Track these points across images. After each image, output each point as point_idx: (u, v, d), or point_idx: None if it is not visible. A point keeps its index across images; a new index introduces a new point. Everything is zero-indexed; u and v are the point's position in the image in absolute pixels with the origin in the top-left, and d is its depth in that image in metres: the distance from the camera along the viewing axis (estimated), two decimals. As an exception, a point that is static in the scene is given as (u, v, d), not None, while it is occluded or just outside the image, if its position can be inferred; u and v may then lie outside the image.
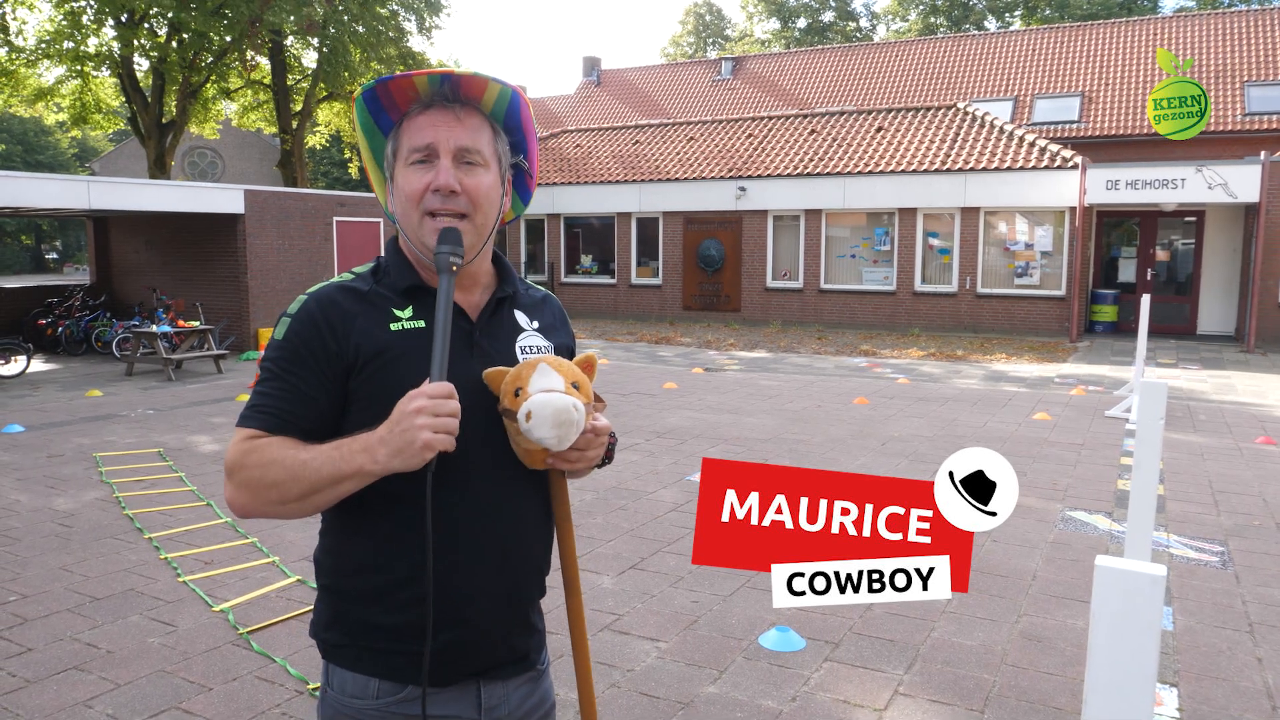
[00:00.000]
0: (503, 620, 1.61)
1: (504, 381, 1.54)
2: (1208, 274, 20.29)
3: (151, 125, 25.39)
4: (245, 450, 1.48)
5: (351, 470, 1.42)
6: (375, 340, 1.52)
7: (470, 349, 1.57)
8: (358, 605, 1.56)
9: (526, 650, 1.68)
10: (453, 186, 1.52)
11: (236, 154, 47.21)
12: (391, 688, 1.55)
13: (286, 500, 1.46)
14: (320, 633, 1.62)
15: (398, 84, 1.53)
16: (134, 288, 18.40)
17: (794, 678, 4.06)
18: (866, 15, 56.87)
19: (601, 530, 6.19)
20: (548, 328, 1.72)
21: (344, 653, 1.57)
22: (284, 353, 1.52)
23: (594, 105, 37.54)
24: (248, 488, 1.47)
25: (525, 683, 1.68)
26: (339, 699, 1.58)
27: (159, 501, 6.86)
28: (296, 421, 1.50)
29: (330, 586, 1.60)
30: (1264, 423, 10.26)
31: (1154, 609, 1.52)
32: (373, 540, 1.54)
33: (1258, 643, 4.47)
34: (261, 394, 1.52)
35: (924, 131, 22.24)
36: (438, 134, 1.53)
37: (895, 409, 11.03)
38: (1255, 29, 27.60)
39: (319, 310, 1.54)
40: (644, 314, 24.10)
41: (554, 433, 1.48)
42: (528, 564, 1.64)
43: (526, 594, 1.66)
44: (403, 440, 1.37)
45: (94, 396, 11.83)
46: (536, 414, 1.46)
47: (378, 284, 1.59)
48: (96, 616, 4.70)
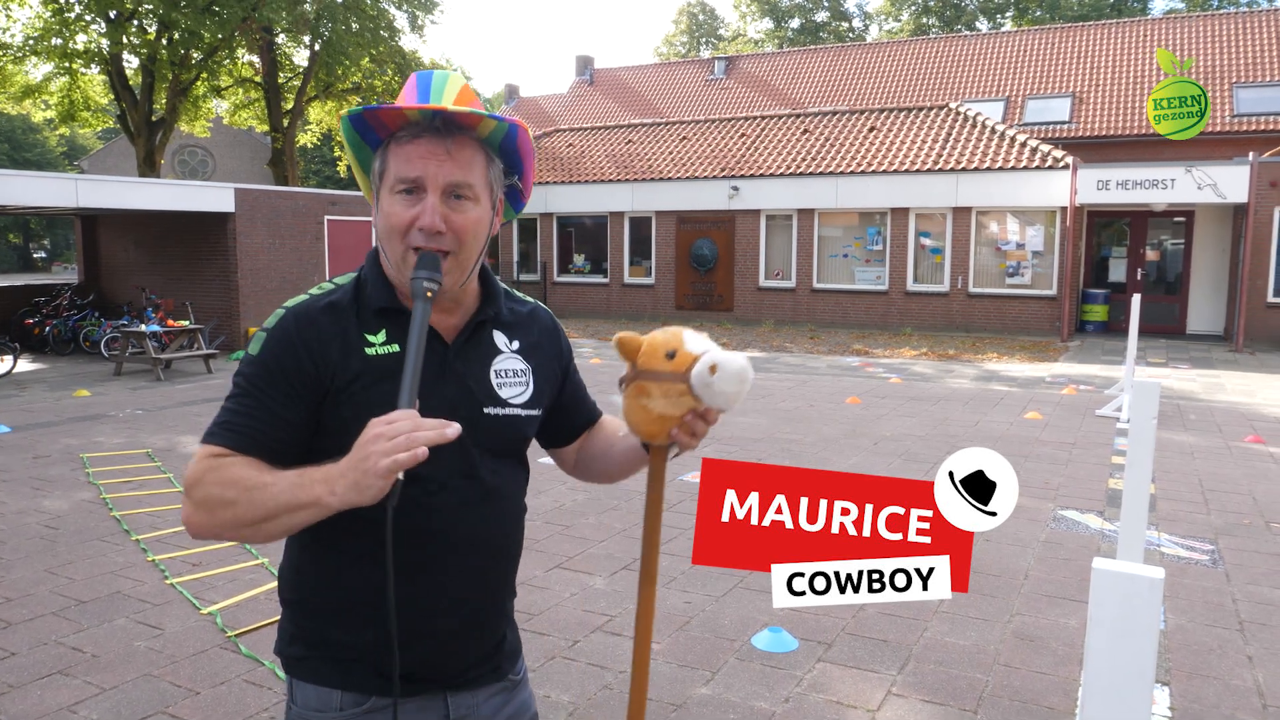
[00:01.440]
0: (471, 634, 1.59)
1: (643, 345, 1.51)
2: (1197, 274, 20.36)
3: (141, 123, 25.27)
4: (207, 468, 1.41)
5: (309, 500, 1.34)
6: (349, 366, 1.47)
7: (444, 373, 1.52)
8: (318, 621, 1.54)
9: (498, 661, 1.65)
10: (438, 227, 1.46)
11: (227, 152, 47.03)
12: (355, 699, 1.52)
13: (241, 524, 1.39)
14: (284, 648, 1.59)
15: (385, 111, 1.47)
16: (123, 287, 18.30)
17: (787, 678, 4.05)
18: (859, 15, 57.01)
19: (594, 530, 6.17)
20: (531, 346, 1.67)
21: (306, 665, 1.55)
22: (258, 369, 1.47)
23: (587, 104, 37.49)
24: (204, 507, 1.40)
25: (497, 693, 1.66)
26: (303, 713, 1.55)
27: (147, 503, 6.81)
28: (264, 442, 1.44)
29: (292, 601, 1.58)
30: (1253, 421, 10.29)
31: (1152, 612, 1.50)
32: (335, 557, 1.51)
33: (1248, 641, 4.47)
34: (231, 410, 1.46)
35: (916, 132, 22.27)
36: (427, 168, 1.46)
37: (888, 408, 11.03)
38: (1244, 31, 27.72)
39: (296, 329, 1.48)
40: (637, 313, 24.09)
41: (736, 389, 1.44)
42: (496, 578, 1.62)
43: (496, 605, 1.64)
44: (359, 472, 1.29)
45: (82, 396, 11.76)
46: (724, 367, 1.42)
47: (356, 300, 1.54)
48: (82, 620, 4.65)
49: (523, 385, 1.62)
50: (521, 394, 1.61)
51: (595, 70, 39.80)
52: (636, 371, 1.51)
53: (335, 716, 1.53)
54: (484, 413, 1.55)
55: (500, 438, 1.58)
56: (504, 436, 1.59)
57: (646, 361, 1.50)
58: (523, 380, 1.63)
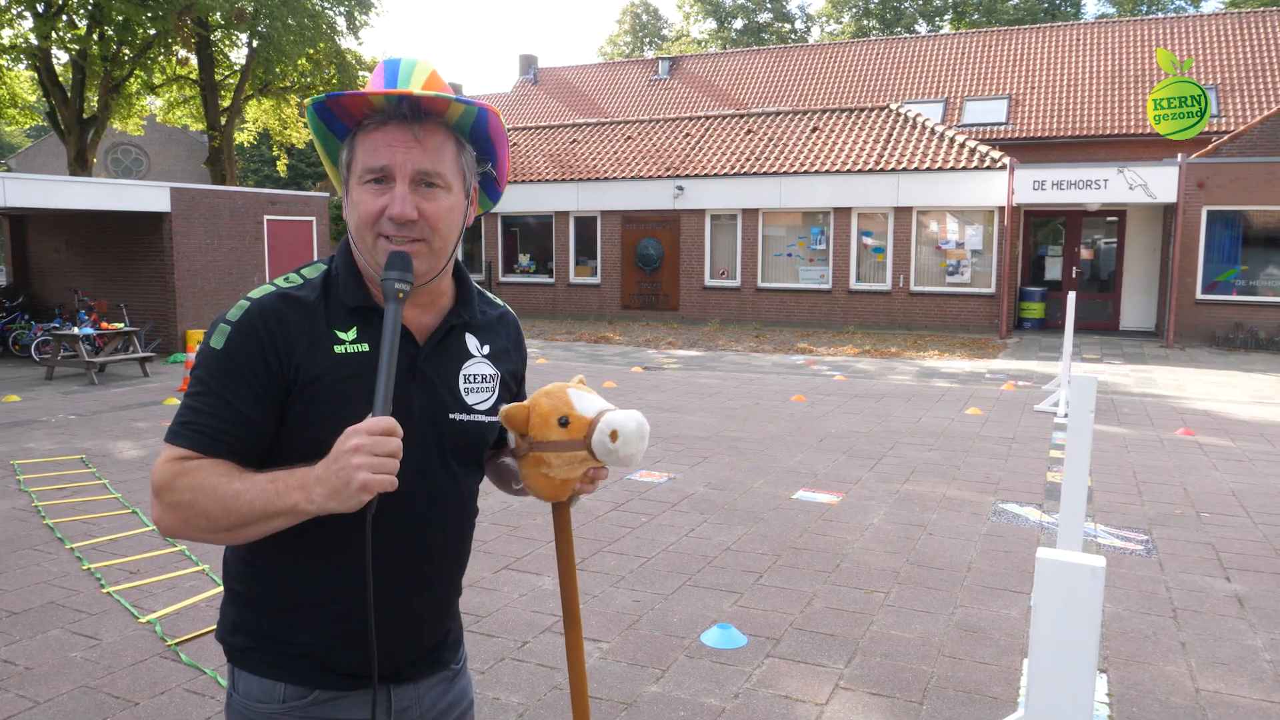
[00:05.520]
0: (420, 631, 1.59)
1: (532, 416, 1.49)
2: (1129, 272, 20.93)
3: (71, 121, 24.53)
4: (175, 472, 1.38)
5: (285, 507, 1.34)
6: (316, 363, 1.43)
7: (413, 375, 1.50)
8: (266, 616, 1.52)
9: (441, 652, 1.66)
10: (409, 216, 1.42)
11: (162, 151, 45.87)
12: (299, 691, 1.51)
13: (216, 530, 1.38)
14: (226, 636, 1.56)
15: (350, 99, 1.43)
16: (54, 288, 17.77)
17: (736, 675, 4.07)
18: (801, 17, 57.56)
19: (541, 531, 6.14)
20: (499, 352, 1.65)
21: (250, 657, 1.53)
22: (221, 364, 1.41)
23: (531, 104, 37.34)
24: (176, 511, 1.39)
25: (439, 683, 1.66)
26: (245, 703, 1.53)
27: (81, 510, 6.62)
28: (230, 441, 1.41)
29: (239, 592, 1.55)
30: (1183, 415, 10.60)
31: (1095, 599, 1.54)
32: (292, 557, 1.48)
33: (1181, 627, 4.61)
34: (193, 409, 1.41)
35: (858, 132, 22.56)
36: (394, 156, 1.42)
37: (832, 405, 11.15)
38: (1173, 34, 28.56)
39: (261, 322, 1.43)
40: (583, 313, 24.04)
41: (640, 446, 1.44)
42: (446, 579, 1.62)
43: (444, 604, 1.64)
44: (339, 480, 1.29)
45: (11, 402, 11.39)
46: (624, 430, 1.43)
47: (325, 296, 1.49)
48: (14, 632, 4.51)
49: (489, 391, 1.61)
50: (487, 399, 1.60)
51: (539, 70, 39.65)
52: (531, 443, 1.51)
53: (278, 708, 1.51)
54: (449, 419, 1.54)
55: (463, 444, 1.57)
56: (466, 443, 1.57)
57: (540, 433, 1.50)
58: (489, 386, 1.61)
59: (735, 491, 7.19)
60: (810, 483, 7.46)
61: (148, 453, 8.48)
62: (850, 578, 5.31)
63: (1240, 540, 6.02)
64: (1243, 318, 18.11)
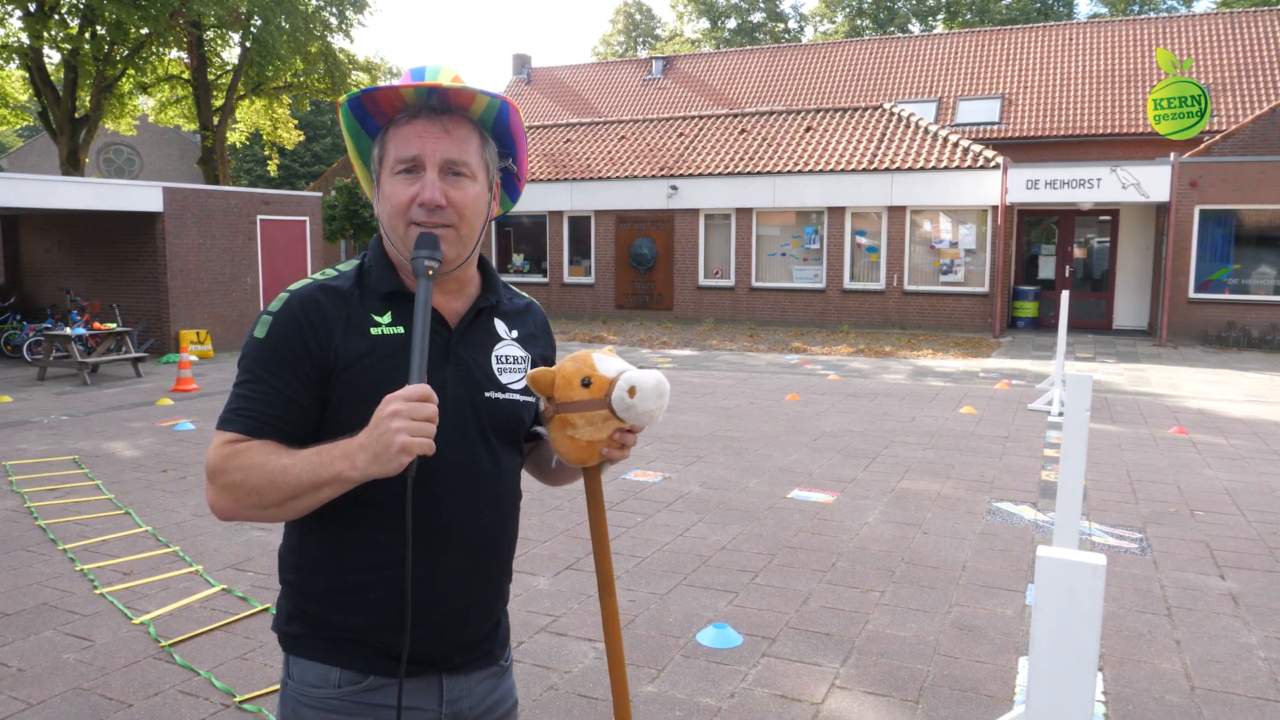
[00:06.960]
0: (470, 616, 1.61)
1: (556, 378, 1.55)
2: (1122, 271, 20.99)
3: (63, 120, 24.44)
4: (226, 454, 1.47)
5: (330, 476, 1.41)
6: (354, 345, 1.51)
7: (446, 357, 1.56)
8: (316, 603, 1.56)
9: (491, 646, 1.68)
10: (438, 201, 1.51)
11: (155, 151, 45.74)
12: (353, 677, 1.54)
13: (267, 505, 1.45)
14: (281, 626, 1.61)
15: (383, 93, 1.52)
16: (47, 289, 17.70)
17: (732, 674, 4.07)
18: (795, 17, 57.60)
19: (537, 531, 6.13)
20: (527, 337, 1.72)
21: (304, 643, 1.57)
22: (265, 353, 1.50)
23: (524, 103, 37.30)
24: (229, 492, 1.46)
25: (488, 678, 1.69)
26: (299, 689, 1.57)
27: (74, 511, 6.59)
28: (278, 425, 1.49)
29: (292, 582, 1.60)
30: (1177, 413, 10.63)
31: (1095, 597, 1.54)
32: (334, 540, 1.54)
33: (1175, 625, 4.62)
34: (241, 396, 1.50)
35: (851, 132, 22.58)
36: (424, 145, 1.51)
37: (826, 404, 11.16)
38: (1165, 34, 28.64)
39: (301, 310, 1.52)
40: (577, 313, 24.03)
41: (656, 405, 1.49)
42: (494, 565, 1.66)
43: (494, 588, 1.67)
44: (380, 445, 1.35)
45: (4, 402, 11.34)
46: (641, 387, 1.48)
47: (360, 285, 1.58)
48: (7, 633, 4.48)
49: (521, 372, 1.67)
50: (520, 380, 1.66)
51: (533, 69, 39.62)
52: (557, 405, 1.56)
53: (333, 693, 1.54)
54: (485, 396, 1.59)
55: (500, 422, 1.62)
56: (504, 421, 1.62)
57: (564, 394, 1.55)
58: (522, 368, 1.67)
59: (730, 491, 7.19)
60: (805, 482, 7.46)
61: (141, 453, 8.45)
62: (845, 577, 5.31)
63: (1234, 538, 6.03)
64: (1235, 316, 18.17)
